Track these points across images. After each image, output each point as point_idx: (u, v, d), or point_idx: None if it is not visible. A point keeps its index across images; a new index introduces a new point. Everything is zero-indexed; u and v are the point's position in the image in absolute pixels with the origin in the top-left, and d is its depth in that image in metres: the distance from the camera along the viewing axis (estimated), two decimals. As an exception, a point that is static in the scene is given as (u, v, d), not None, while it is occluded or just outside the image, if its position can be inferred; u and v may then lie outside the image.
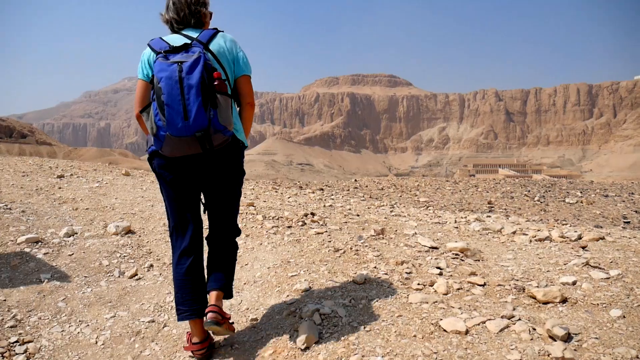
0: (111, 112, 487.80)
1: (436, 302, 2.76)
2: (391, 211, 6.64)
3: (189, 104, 2.05)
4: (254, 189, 8.59)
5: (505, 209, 10.08)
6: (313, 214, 5.20)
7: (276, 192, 8.47)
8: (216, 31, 2.43)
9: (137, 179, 7.67)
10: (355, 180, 17.55)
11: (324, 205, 6.46)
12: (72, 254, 3.56)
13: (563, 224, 8.35)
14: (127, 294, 3.02)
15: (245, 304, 2.91)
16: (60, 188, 6.10)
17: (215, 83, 2.16)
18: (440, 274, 3.29)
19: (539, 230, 5.67)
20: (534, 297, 2.91)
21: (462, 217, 6.69)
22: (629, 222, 10.44)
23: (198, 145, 2.14)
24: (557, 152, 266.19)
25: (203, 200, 2.54)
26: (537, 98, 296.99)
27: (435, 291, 2.97)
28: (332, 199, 7.84)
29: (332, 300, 2.78)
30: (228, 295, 2.54)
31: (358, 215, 5.53)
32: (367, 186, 14.25)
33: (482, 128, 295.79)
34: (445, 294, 2.92)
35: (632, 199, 13.27)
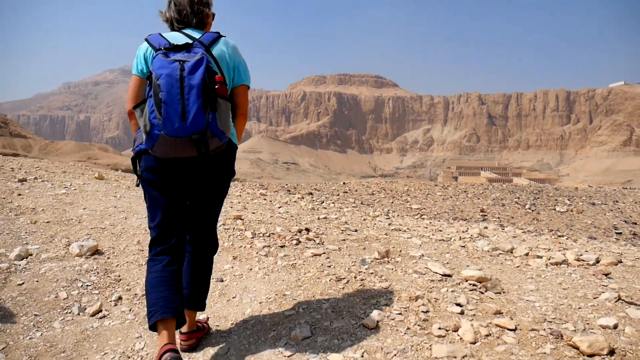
0: (91, 104, 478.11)
1: (466, 356, 2.28)
2: (389, 224, 6.16)
3: (189, 104, 1.97)
4: (240, 196, 8.01)
5: (498, 217, 9.72)
6: (308, 230, 4.69)
7: (265, 199, 7.91)
8: (219, 35, 2.33)
9: (111, 184, 6.92)
10: (344, 183, 17.10)
11: (318, 218, 5.94)
12: (23, 283, 2.93)
13: (559, 236, 8.03)
14: (86, 339, 2.44)
15: (234, 354, 2.38)
16: (20, 195, 5.35)
17: (217, 86, 2.11)
18: (462, 312, 2.81)
19: (549, 250, 5.27)
20: (577, 348, 2.46)
21: (463, 231, 6.25)
22: (620, 234, 10.36)
23: (194, 148, 2.05)
24: (536, 155, 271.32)
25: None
26: (518, 103, 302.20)
27: (462, 339, 2.49)
28: (325, 209, 7.33)
29: (341, 353, 2.28)
30: (201, 308, 2.50)
31: (356, 231, 5.03)
32: (356, 190, 13.78)
33: (465, 131, 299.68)
34: (474, 343, 2.44)
35: (618, 208, 13.24)
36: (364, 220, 6.26)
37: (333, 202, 9.58)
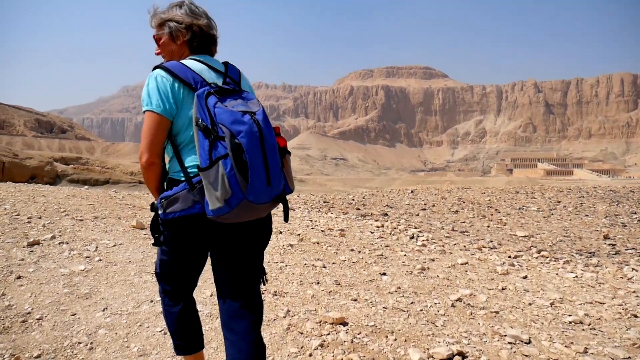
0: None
1: None
2: (526, 286, 4.80)
3: (271, 166, 1.71)
4: (300, 230, 6.71)
5: (633, 249, 8.01)
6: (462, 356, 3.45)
7: (334, 234, 6.63)
8: (237, 69, 2.04)
9: (148, 245, 5.15)
10: (412, 191, 15.70)
11: (438, 288, 4.65)
12: None
13: None
14: None
15: None
16: (19, 278, 3.75)
17: (279, 138, 1.86)
18: None
19: None
20: None
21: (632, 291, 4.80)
22: None
23: (268, 210, 1.82)
24: (599, 145, 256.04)
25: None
26: (579, 89, 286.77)
27: None
28: (423, 251, 6.00)
29: None
30: None
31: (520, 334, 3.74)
32: (433, 205, 12.34)
33: (521, 121, 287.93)
34: None
35: None
36: (492, 279, 4.95)
37: (419, 230, 8.30)
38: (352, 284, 4.27)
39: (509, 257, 6.40)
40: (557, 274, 5.45)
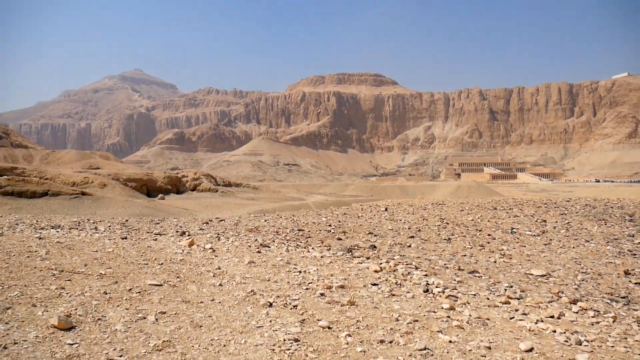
0: (91, 112, 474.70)
1: None
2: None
3: None
4: (270, 281, 5.01)
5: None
6: None
7: (363, 350, 5.04)
8: None
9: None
10: (386, 209, 14.47)
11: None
12: None
13: None
14: None
15: None
16: None
17: None
18: None
19: None
20: None
21: None
22: None
23: None
24: (540, 150, 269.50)
25: None
26: (520, 97, 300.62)
27: None
28: (470, 328, 4.61)
29: None
30: None
31: None
32: (419, 230, 11.13)
33: (467, 127, 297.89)
34: None
35: None
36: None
37: (424, 273, 6.98)
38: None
39: (551, 316, 5.16)
40: (625, 337, 4.22)
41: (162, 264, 5.65)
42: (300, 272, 5.94)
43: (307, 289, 5.20)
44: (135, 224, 11.13)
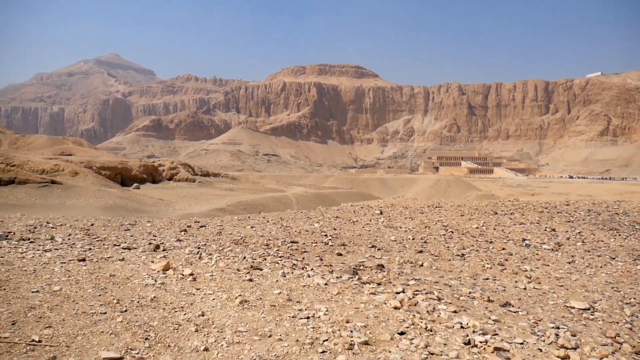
0: (65, 96, 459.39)
1: None
2: None
3: None
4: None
5: None
6: None
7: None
8: None
9: None
10: (381, 212, 13.28)
11: None
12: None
13: None
14: None
15: None
16: None
17: None
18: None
19: None
20: None
21: None
22: None
23: None
24: (516, 146, 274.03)
25: None
26: (498, 92, 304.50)
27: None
28: None
29: None
30: None
31: None
32: (426, 242, 9.96)
33: (446, 121, 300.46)
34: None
35: None
36: None
37: (453, 310, 5.78)
38: None
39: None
40: None
41: (125, 310, 4.24)
42: (308, 318, 4.64)
43: (323, 352, 3.88)
44: (102, 231, 9.60)
